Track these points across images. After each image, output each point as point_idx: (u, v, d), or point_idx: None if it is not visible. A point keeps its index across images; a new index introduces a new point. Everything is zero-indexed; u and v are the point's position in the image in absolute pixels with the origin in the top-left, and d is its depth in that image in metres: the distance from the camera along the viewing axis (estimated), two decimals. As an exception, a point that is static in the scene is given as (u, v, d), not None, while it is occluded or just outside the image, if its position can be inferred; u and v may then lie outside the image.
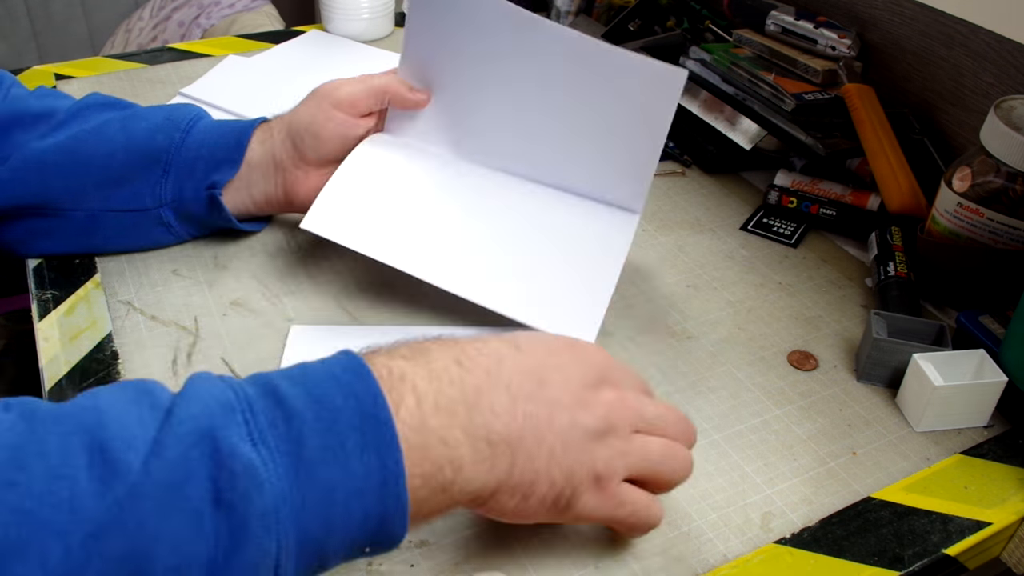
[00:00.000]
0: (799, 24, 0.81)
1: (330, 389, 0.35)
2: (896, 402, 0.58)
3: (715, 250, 0.71)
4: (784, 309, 0.65)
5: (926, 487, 0.52)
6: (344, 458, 0.34)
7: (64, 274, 0.63)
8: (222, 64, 0.94)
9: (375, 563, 0.45)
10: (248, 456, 0.33)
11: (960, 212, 0.62)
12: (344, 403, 0.35)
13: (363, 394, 0.35)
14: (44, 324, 0.59)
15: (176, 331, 0.59)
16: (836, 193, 0.74)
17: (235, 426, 0.33)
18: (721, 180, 0.81)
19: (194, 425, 0.33)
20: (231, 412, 0.34)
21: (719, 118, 0.79)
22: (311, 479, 0.34)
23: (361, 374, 0.36)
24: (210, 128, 0.63)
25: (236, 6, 1.71)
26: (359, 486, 0.35)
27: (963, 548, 0.48)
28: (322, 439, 0.34)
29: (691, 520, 0.49)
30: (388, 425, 0.35)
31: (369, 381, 0.36)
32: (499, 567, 0.45)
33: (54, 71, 0.90)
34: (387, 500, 0.35)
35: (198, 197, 0.62)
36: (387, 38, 1.05)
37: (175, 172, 0.61)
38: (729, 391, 0.58)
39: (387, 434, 0.35)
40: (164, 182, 0.62)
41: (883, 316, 0.60)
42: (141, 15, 1.75)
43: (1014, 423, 0.57)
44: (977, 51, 0.72)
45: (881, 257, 0.67)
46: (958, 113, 0.75)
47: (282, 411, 0.34)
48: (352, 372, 0.36)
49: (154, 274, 0.64)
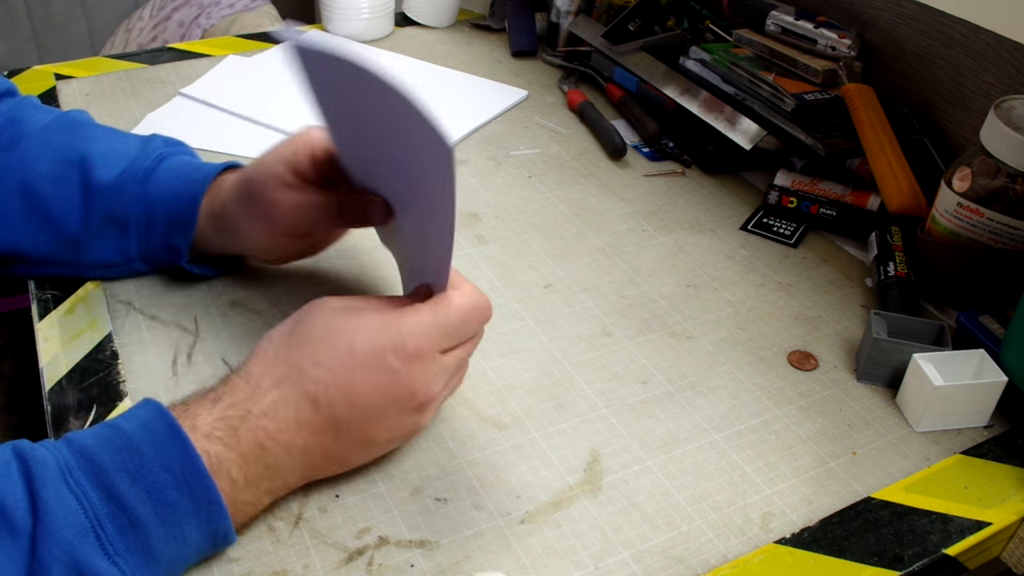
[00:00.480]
0: (799, 24, 0.81)
1: (165, 483, 0.41)
2: (896, 402, 0.58)
3: (715, 250, 0.71)
4: (784, 309, 0.65)
5: (926, 487, 0.52)
6: (184, 540, 0.41)
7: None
8: (222, 64, 0.94)
9: (375, 563, 0.45)
10: (109, 573, 0.38)
11: (960, 212, 0.62)
12: (180, 497, 0.41)
13: (196, 486, 0.41)
14: (44, 324, 0.59)
15: (176, 331, 0.59)
16: (836, 193, 0.74)
17: (90, 546, 0.38)
18: (721, 180, 0.81)
19: (60, 565, 0.38)
20: (85, 534, 0.38)
21: (719, 118, 0.79)
22: (160, 564, 0.41)
23: (193, 466, 0.41)
24: (166, 179, 0.59)
25: (236, 6, 1.71)
26: (198, 548, 0.43)
27: (963, 548, 0.48)
28: (166, 531, 0.40)
29: (691, 520, 0.49)
30: (220, 508, 0.42)
31: (201, 474, 0.41)
32: (499, 567, 0.45)
33: (54, 71, 0.90)
34: (218, 545, 0.44)
35: (163, 256, 0.60)
36: (387, 38, 1.05)
37: (135, 230, 0.59)
38: (729, 391, 0.58)
39: (219, 513, 0.42)
40: (126, 240, 0.60)
41: (883, 316, 0.60)
42: (141, 15, 1.75)
43: (1014, 423, 0.57)
44: (977, 51, 0.72)
45: (881, 257, 0.67)
46: (958, 113, 0.75)
47: (127, 517, 0.40)
48: (183, 463, 0.41)
49: (154, 274, 0.63)
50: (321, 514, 0.47)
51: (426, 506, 0.48)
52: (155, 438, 0.41)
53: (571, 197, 0.77)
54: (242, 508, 0.44)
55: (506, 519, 0.48)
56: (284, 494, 0.47)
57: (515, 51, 1.03)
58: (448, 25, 1.09)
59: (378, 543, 0.46)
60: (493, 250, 0.70)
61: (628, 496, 0.50)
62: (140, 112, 0.84)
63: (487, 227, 0.72)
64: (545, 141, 0.86)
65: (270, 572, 0.44)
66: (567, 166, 0.82)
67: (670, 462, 0.52)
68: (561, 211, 0.75)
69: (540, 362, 0.59)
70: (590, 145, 0.86)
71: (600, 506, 0.49)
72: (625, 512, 0.49)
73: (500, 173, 0.80)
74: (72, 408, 0.52)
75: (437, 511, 0.48)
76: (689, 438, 0.54)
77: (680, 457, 0.53)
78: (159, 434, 0.41)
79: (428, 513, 0.48)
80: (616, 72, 0.93)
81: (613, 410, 0.56)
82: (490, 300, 0.49)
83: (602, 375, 0.58)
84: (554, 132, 0.88)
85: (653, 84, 0.86)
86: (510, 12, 1.06)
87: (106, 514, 0.39)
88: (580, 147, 0.85)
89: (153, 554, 0.40)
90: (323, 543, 0.46)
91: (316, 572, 0.45)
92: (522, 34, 1.04)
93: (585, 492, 0.50)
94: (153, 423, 0.42)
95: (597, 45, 0.94)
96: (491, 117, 0.88)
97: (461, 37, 1.07)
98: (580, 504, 0.49)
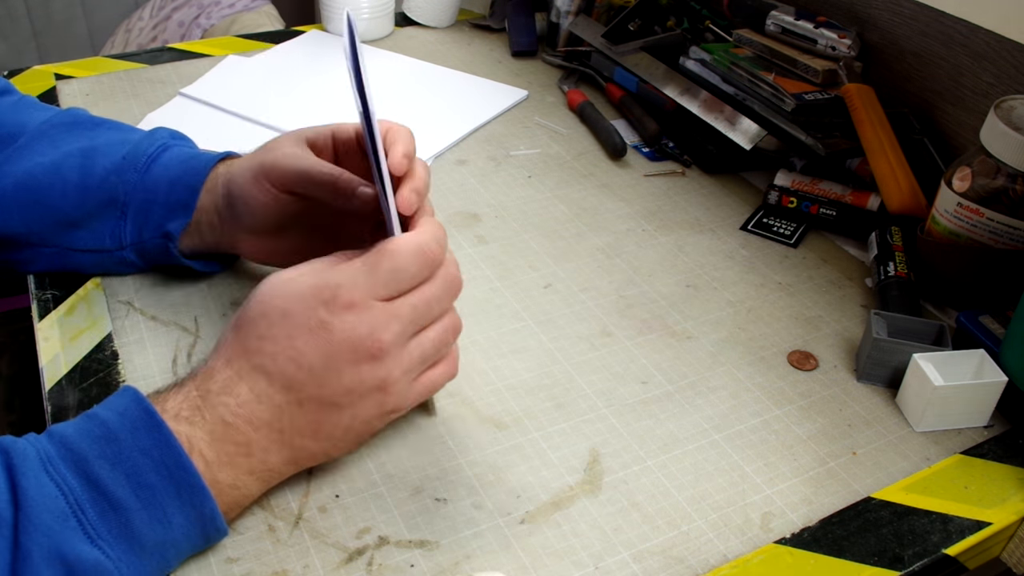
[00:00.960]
0: (799, 24, 0.81)
1: (144, 466, 0.41)
2: (896, 402, 0.58)
3: (715, 250, 0.71)
4: (784, 309, 0.65)
5: (926, 487, 0.52)
6: (167, 523, 0.41)
7: (64, 274, 0.63)
8: (222, 64, 0.94)
9: (375, 563, 0.45)
10: (92, 556, 0.39)
11: (960, 212, 0.62)
12: (159, 480, 0.41)
13: (174, 467, 0.42)
14: (44, 324, 0.59)
15: (176, 331, 0.59)
16: (836, 193, 0.74)
17: (71, 531, 0.39)
18: (721, 180, 0.81)
19: (42, 550, 0.38)
20: (66, 519, 0.39)
21: (719, 118, 0.79)
22: (145, 548, 0.41)
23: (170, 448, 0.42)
24: (170, 165, 0.59)
25: (236, 6, 1.71)
26: (187, 534, 0.42)
27: (963, 548, 0.48)
28: (148, 514, 0.41)
29: (691, 520, 0.49)
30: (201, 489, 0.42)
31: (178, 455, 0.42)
32: (499, 567, 0.45)
33: (54, 71, 0.90)
34: (210, 534, 0.44)
35: (155, 243, 0.60)
36: (387, 38, 1.05)
37: (132, 215, 0.59)
38: (729, 391, 0.58)
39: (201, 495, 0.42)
40: (123, 225, 0.59)
41: (883, 316, 0.60)
42: (141, 15, 1.75)
43: (1014, 423, 0.57)
44: (977, 51, 0.72)
45: (881, 257, 0.67)
46: (958, 113, 0.75)
47: (108, 501, 0.40)
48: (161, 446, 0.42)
49: (154, 274, 0.63)
50: (321, 514, 0.47)
51: (426, 506, 0.48)
52: (132, 424, 0.42)
53: (571, 197, 0.77)
54: (226, 491, 0.44)
55: (506, 519, 0.48)
56: (274, 479, 0.47)
57: (515, 51, 1.03)
58: (448, 25, 1.09)
59: (378, 543, 0.46)
60: (493, 250, 0.70)
61: (628, 496, 0.50)
62: (140, 112, 0.84)
63: (487, 227, 0.72)
64: (545, 141, 0.86)
65: (270, 572, 0.44)
66: (567, 166, 0.82)
67: (670, 462, 0.52)
68: (561, 211, 0.75)
69: (540, 362, 0.59)
70: (590, 145, 0.86)
71: (600, 506, 0.49)
72: (625, 512, 0.49)
73: (500, 173, 0.80)
74: (72, 408, 0.52)
75: (437, 511, 0.48)
76: (689, 438, 0.54)
77: (680, 457, 0.53)
78: (136, 420, 0.42)
79: (428, 513, 0.48)
80: (616, 72, 0.93)
81: (613, 410, 0.56)
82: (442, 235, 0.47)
83: (602, 375, 0.58)
84: (554, 132, 0.88)
85: (653, 84, 0.86)
86: (510, 12, 1.06)
87: (87, 499, 0.40)
88: (580, 147, 0.85)
89: (137, 538, 0.40)
90: (323, 543, 0.46)
91: (316, 572, 0.45)
92: (522, 34, 1.04)
93: (585, 492, 0.50)
94: (130, 410, 0.42)
95: (597, 45, 0.94)
96: (491, 118, 0.88)
97: (461, 37, 1.07)
98: (580, 504, 0.49)
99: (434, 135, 0.84)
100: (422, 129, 0.85)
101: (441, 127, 0.85)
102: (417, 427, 0.53)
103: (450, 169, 0.80)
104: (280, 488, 0.49)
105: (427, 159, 0.80)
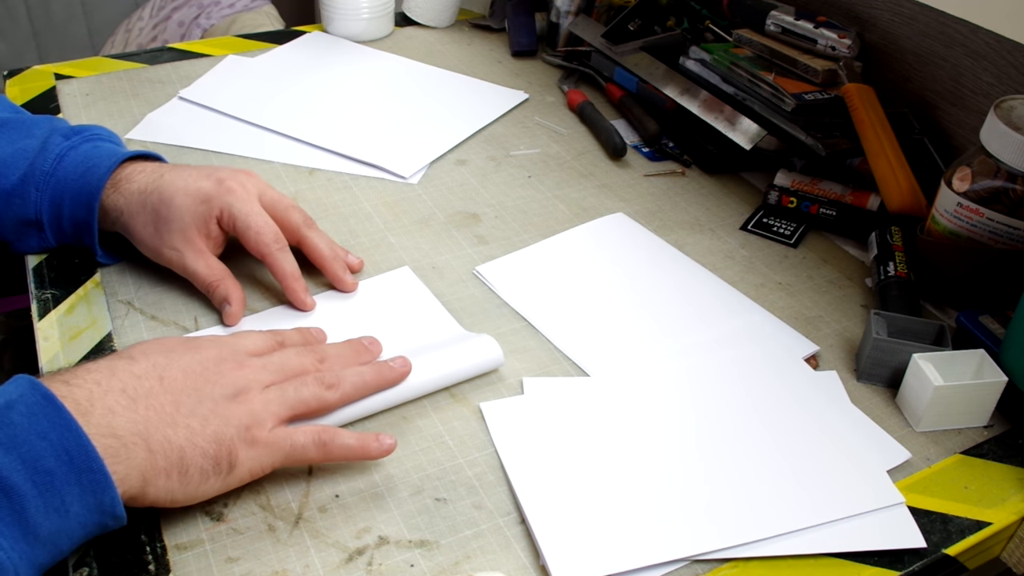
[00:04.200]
0: (799, 24, 0.81)
1: (41, 450, 0.40)
2: (896, 402, 0.58)
3: (715, 250, 0.71)
4: (784, 309, 0.65)
5: (926, 487, 0.52)
6: (64, 510, 0.40)
7: (64, 273, 0.63)
8: (222, 64, 0.94)
9: (375, 563, 0.45)
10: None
11: (960, 212, 0.62)
12: (57, 464, 0.40)
13: (75, 452, 0.40)
14: (44, 323, 0.59)
15: (176, 331, 0.59)
16: (836, 193, 0.74)
17: None
18: (721, 180, 0.82)
19: None
20: None
21: (719, 118, 0.80)
22: (39, 537, 0.40)
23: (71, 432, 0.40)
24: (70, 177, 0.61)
25: (236, 6, 1.71)
26: (82, 522, 0.41)
27: (963, 548, 0.48)
28: (43, 500, 0.39)
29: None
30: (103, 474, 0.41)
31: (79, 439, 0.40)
32: (499, 567, 0.45)
33: (54, 71, 0.90)
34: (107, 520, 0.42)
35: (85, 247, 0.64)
36: (387, 38, 1.05)
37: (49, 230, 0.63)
38: (729, 391, 0.58)
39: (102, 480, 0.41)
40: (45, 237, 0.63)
41: (883, 316, 0.60)
42: (141, 15, 1.75)
43: (1014, 423, 0.57)
44: (977, 51, 0.72)
45: (881, 257, 0.67)
46: (958, 113, 0.75)
47: (0, 488, 0.39)
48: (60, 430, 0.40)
49: (154, 274, 0.63)
50: (321, 514, 0.47)
51: (426, 506, 0.48)
52: (29, 408, 0.41)
53: (571, 197, 0.77)
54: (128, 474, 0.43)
55: (506, 519, 0.48)
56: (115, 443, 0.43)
57: (515, 51, 1.03)
58: (448, 25, 1.09)
59: (378, 543, 0.46)
60: (493, 250, 0.70)
61: (628, 496, 0.50)
62: (140, 112, 0.84)
63: (487, 227, 0.72)
64: (545, 141, 0.86)
65: (270, 572, 0.44)
66: (567, 166, 0.82)
67: (670, 462, 0.52)
68: (561, 211, 0.75)
69: (540, 362, 0.59)
70: (590, 145, 0.86)
71: (600, 506, 0.49)
72: (625, 512, 0.49)
73: (500, 173, 0.80)
74: (72, 408, 0.52)
75: (437, 511, 0.48)
76: (689, 438, 0.54)
77: (680, 457, 0.53)
78: (32, 404, 0.41)
79: (428, 513, 0.48)
80: (616, 72, 0.93)
81: (613, 410, 0.56)
82: None
83: (602, 375, 0.58)
84: (554, 132, 0.88)
85: (653, 84, 0.87)
86: (510, 12, 1.06)
87: None
88: (580, 147, 0.85)
89: (31, 526, 0.39)
90: (323, 543, 0.46)
91: (316, 572, 0.45)
92: (522, 34, 1.04)
93: (585, 492, 0.50)
94: (26, 395, 0.41)
95: (597, 45, 0.94)
96: (490, 121, 0.88)
97: (461, 37, 1.07)
98: (580, 504, 0.49)
99: (433, 139, 0.84)
100: (421, 133, 0.85)
101: (440, 131, 0.85)
102: (417, 427, 0.53)
103: (450, 169, 0.80)
104: (280, 488, 0.49)
105: (426, 164, 0.80)
